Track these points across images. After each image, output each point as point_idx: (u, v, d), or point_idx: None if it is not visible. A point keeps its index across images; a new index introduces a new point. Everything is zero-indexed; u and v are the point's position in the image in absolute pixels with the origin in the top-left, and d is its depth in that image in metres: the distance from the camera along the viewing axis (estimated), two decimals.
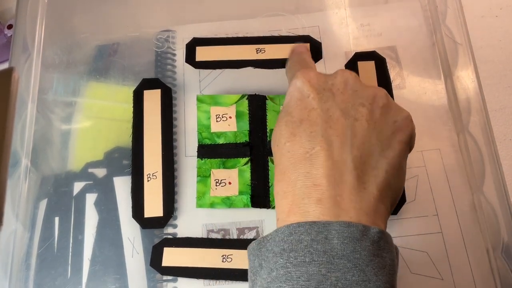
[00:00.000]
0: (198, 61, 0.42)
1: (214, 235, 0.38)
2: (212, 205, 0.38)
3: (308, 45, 0.37)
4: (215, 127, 0.40)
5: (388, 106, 0.31)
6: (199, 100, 0.41)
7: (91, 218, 0.39)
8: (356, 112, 0.30)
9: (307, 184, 0.28)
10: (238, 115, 0.40)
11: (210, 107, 0.41)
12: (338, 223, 0.26)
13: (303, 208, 0.28)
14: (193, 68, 0.42)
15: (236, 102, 0.40)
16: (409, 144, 0.32)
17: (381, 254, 0.26)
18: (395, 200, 0.31)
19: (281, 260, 0.27)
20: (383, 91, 0.32)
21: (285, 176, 0.30)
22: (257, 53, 0.42)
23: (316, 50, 0.42)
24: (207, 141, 0.40)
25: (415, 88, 0.42)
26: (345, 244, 0.26)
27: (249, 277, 0.29)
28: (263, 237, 0.29)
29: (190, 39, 0.44)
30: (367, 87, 0.32)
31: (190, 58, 0.42)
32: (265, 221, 0.38)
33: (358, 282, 0.25)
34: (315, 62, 0.40)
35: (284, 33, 0.44)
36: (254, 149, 0.39)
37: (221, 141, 0.40)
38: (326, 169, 0.28)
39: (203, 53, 0.42)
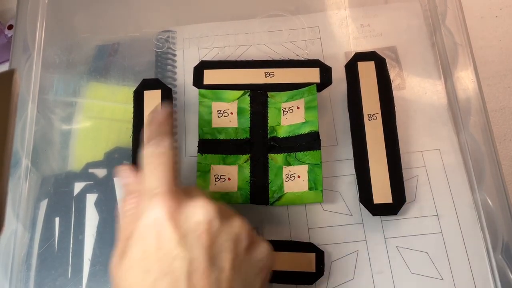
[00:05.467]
0: (205, 84, 0.41)
1: None
2: None
3: (168, 111, 0.34)
4: (216, 123, 0.40)
5: (251, 243, 0.30)
6: (202, 94, 0.41)
7: (92, 218, 0.39)
8: (221, 261, 0.28)
9: None
10: (240, 112, 0.40)
11: (212, 102, 0.41)
12: None
13: None
14: (193, 69, 0.42)
15: (238, 98, 0.40)
16: (269, 275, 0.31)
17: None
18: None
19: None
20: (243, 226, 0.30)
21: None
22: (266, 77, 0.41)
23: (326, 75, 0.40)
24: (208, 136, 0.40)
25: (415, 88, 0.42)
26: None
27: None
28: None
29: (191, 38, 0.44)
30: (228, 223, 0.29)
31: (198, 81, 0.41)
32: (264, 221, 0.39)
33: None
34: (325, 88, 0.40)
35: (284, 33, 0.45)
36: (254, 146, 0.39)
37: (222, 136, 0.40)
38: None
39: (211, 77, 0.41)
